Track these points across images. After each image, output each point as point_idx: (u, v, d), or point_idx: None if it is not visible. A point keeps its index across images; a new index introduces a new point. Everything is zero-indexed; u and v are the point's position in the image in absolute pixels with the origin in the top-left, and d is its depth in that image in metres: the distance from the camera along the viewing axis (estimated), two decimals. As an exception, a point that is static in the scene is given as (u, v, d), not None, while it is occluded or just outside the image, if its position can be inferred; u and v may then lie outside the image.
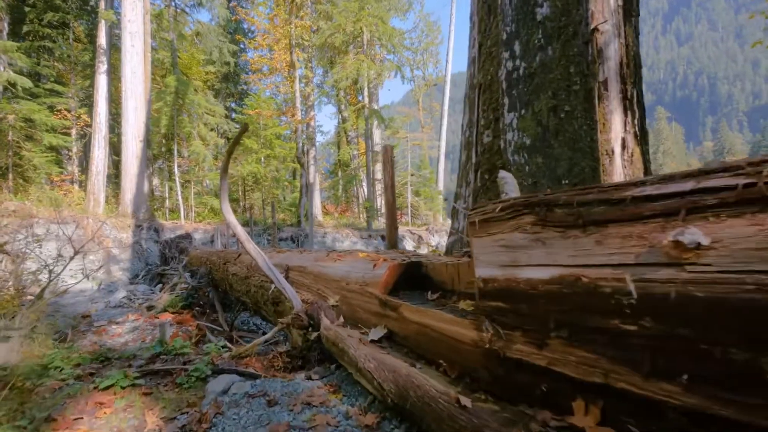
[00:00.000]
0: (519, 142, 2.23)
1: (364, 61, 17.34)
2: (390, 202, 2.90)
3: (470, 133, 2.43)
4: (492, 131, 2.33)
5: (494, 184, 2.14)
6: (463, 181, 2.54)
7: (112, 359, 3.13)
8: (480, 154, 2.35)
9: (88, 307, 6.29)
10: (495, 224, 1.00)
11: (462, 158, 2.59)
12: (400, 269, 1.43)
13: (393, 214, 2.91)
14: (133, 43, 14.61)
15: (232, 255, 4.70)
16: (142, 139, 14.99)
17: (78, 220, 12.01)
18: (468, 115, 2.48)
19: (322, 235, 15.96)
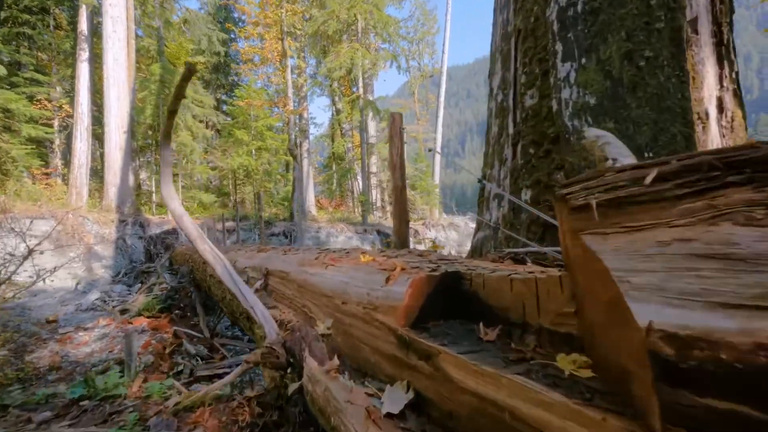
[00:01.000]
0: (579, 101, 1.65)
1: (358, 50, 16.71)
2: (399, 187, 2.22)
3: (504, 97, 1.82)
4: (538, 90, 1.72)
5: (543, 159, 1.63)
6: (494, 159, 1.93)
7: (9, 407, 2.47)
8: (521, 121, 1.73)
9: (56, 311, 5.72)
10: (646, 208, 0.50)
11: (492, 131, 1.96)
12: (430, 285, 0.85)
13: (403, 203, 2.26)
14: (115, 29, 13.87)
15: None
16: (126, 129, 14.31)
17: (57, 215, 11.34)
18: (500, 74, 1.84)
19: (315, 230, 15.42)
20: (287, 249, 2.34)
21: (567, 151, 1.53)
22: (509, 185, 1.78)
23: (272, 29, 20.38)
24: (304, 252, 2.01)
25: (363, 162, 18.32)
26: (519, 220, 1.79)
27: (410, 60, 25.16)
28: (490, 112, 2.02)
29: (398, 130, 2.22)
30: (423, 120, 27.04)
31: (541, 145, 1.76)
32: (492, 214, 1.98)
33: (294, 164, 16.12)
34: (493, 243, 2.02)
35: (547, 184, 1.75)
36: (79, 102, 14.92)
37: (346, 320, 1.05)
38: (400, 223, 2.36)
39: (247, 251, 2.79)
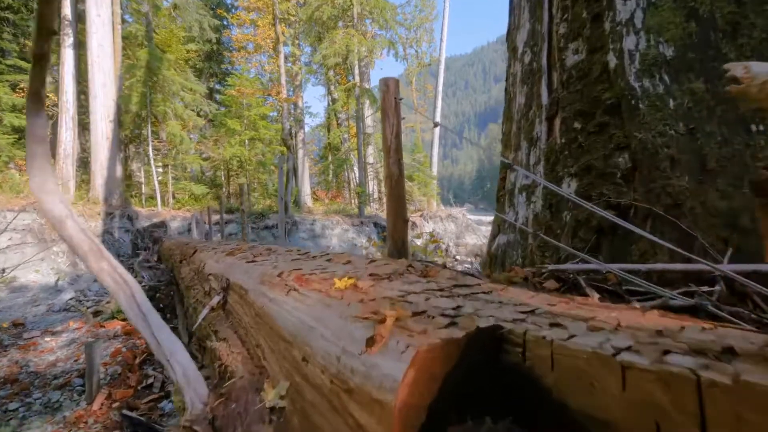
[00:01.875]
0: (651, 53, 1.20)
1: (354, 36, 16.14)
2: (395, 176, 1.77)
3: (534, 56, 1.34)
4: (585, 42, 1.25)
5: (596, 136, 1.18)
6: (519, 140, 1.42)
7: None
8: (561, 86, 1.24)
9: (25, 312, 5.31)
10: None
11: (516, 102, 1.47)
12: (448, 361, 0.45)
13: (400, 196, 1.81)
14: (99, 12, 13.27)
15: (189, 250, 3.75)
16: (113, 118, 13.78)
17: (39, 208, 10.87)
18: (527, 26, 1.36)
19: (310, 223, 15.02)
20: (261, 252, 1.93)
21: (634, 123, 1.14)
22: (543, 173, 1.28)
23: (265, 15, 19.73)
24: (278, 257, 1.61)
25: (359, 152, 17.85)
26: (559, 222, 1.32)
27: (408, 48, 24.56)
28: (513, 78, 1.52)
29: (393, 101, 1.75)
30: (421, 110, 26.51)
31: (591, 117, 1.27)
32: (518, 211, 1.41)
33: (288, 155, 15.64)
34: (520, 251, 1.48)
35: (604, 172, 1.28)
36: (64, 90, 14.35)
37: (307, 392, 0.63)
38: (397, 222, 1.85)
39: (218, 252, 2.39)
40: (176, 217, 13.89)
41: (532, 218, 1.39)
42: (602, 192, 1.30)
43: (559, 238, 1.35)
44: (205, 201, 15.98)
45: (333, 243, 14.83)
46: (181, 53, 19.66)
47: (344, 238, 15.15)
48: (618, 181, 1.23)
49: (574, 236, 1.32)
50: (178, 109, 15.15)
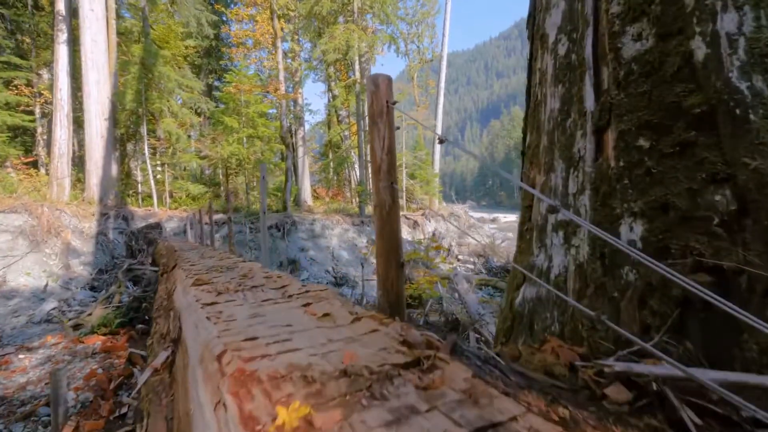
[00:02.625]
0: (765, 38, 0.87)
1: (354, 32, 15.77)
2: (386, 204, 1.42)
3: (574, 45, 0.94)
4: (653, 23, 0.90)
5: (674, 159, 0.83)
6: (553, 158, 0.98)
7: None
8: (616, 85, 0.87)
9: (3, 324, 5.03)
10: None
11: (546, 107, 1.03)
12: None
13: (394, 228, 1.44)
14: (92, 7, 12.94)
15: (171, 262, 3.45)
16: (108, 116, 13.49)
17: (31, 209, 10.61)
18: (561, 6, 0.98)
19: (310, 222, 14.72)
20: (230, 285, 1.62)
21: (741, 143, 0.82)
22: (590, 207, 0.87)
23: (263, 10, 19.36)
24: (245, 297, 1.31)
25: (360, 150, 17.51)
26: (617, 280, 0.94)
27: (409, 43, 24.15)
28: (540, 75, 1.05)
29: (384, 105, 1.40)
30: (423, 107, 26.13)
31: (666, 132, 0.91)
32: (552, 255, 0.97)
33: (286, 153, 15.33)
34: (556, 313, 1.04)
35: (691, 214, 0.90)
36: (59, 87, 14.03)
37: None
38: (389, 268, 1.42)
39: (193, 274, 2.08)
40: (173, 217, 13.62)
41: (574, 270, 0.92)
42: (689, 245, 0.88)
43: (617, 304, 0.92)
44: (203, 200, 15.70)
45: (333, 243, 14.54)
46: (180, 49, 19.34)
47: (344, 239, 14.85)
48: (715, 229, 0.84)
49: (642, 306, 0.90)
50: (174, 106, 14.84)
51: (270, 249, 13.20)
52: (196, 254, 3.84)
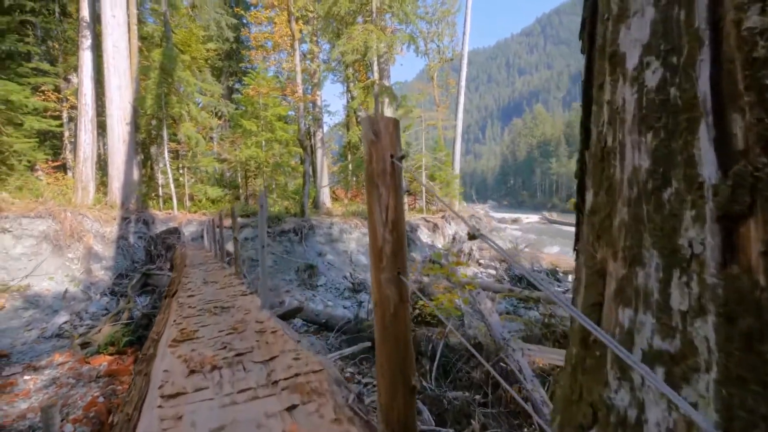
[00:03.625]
0: None
1: (372, 32, 15.49)
2: (391, 303, 1.07)
3: (667, 74, 0.62)
4: None
5: None
6: (641, 244, 0.62)
7: None
8: (757, 144, 0.48)
9: (16, 337, 4.97)
10: None
11: (621, 164, 0.69)
12: None
13: (400, 336, 1.09)
14: (114, 13, 13.08)
15: (174, 283, 3.25)
16: (129, 121, 13.64)
17: (54, 214, 10.78)
18: (653, 13, 0.65)
19: (328, 226, 14.55)
20: (205, 367, 1.35)
21: None
22: (717, 343, 0.50)
23: (282, 12, 19.31)
24: (217, 390, 1.05)
25: (378, 152, 17.24)
26: None
27: (429, 42, 23.74)
28: (613, 113, 0.74)
29: (388, 162, 1.02)
30: (443, 106, 25.67)
31: None
32: (646, 405, 0.57)
33: (304, 156, 15.19)
34: None
35: None
36: (83, 92, 14.29)
37: None
38: (396, 392, 1.05)
39: (188, 306, 1.85)
40: (192, 221, 13.67)
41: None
42: None
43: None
44: (222, 203, 15.75)
45: (351, 247, 14.33)
46: (201, 52, 19.51)
47: (363, 243, 14.61)
48: None
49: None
50: (193, 110, 14.91)
51: (287, 253, 13.09)
52: (202, 274, 3.64)
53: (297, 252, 13.12)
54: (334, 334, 5.61)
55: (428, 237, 18.21)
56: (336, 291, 11.84)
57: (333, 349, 5.35)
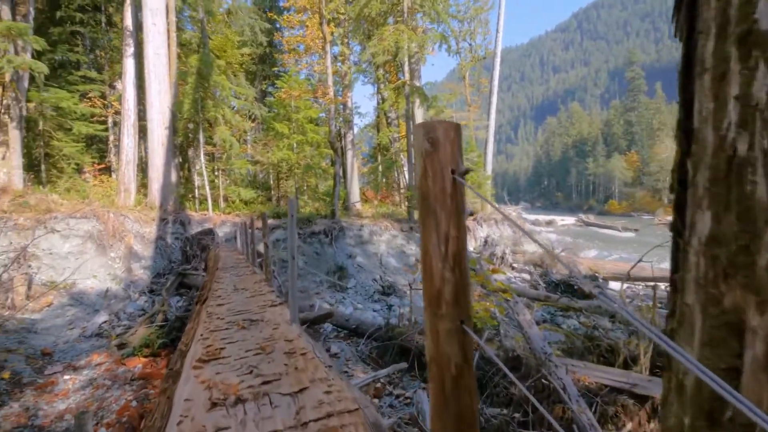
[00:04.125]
0: None
1: (404, 32, 15.35)
2: (445, 290, 0.82)
3: None
4: None
5: None
6: None
7: None
8: None
9: (59, 336, 5.14)
10: None
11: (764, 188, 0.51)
12: None
13: (467, 370, 0.84)
14: (155, 21, 13.57)
15: (210, 280, 3.22)
16: (168, 125, 14.10)
17: (99, 214, 11.27)
18: None
19: (358, 228, 14.50)
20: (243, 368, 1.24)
21: None
22: None
23: (313, 15, 19.51)
24: (248, 410, 0.93)
25: (409, 153, 17.06)
26: None
27: (461, 41, 23.33)
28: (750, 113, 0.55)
29: (449, 182, 0.82)
30: (474, 106, 25.17)
31: None
32: None
33: (335, 158, 15.23)
34: None
35: None
36: (126, 98, 14.90)
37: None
38: None
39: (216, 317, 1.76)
40: (226, 222, 13.98)
41: None
42: None
43: None
44: (254, 205, 16.04)
45: (381, 250, 14.22)
46: (236, 57, 20.02)
47: (393, 245, 14.48)
48: None
49: None
50: (228, 114, 15.26)
51: (317, 254, 13.14)
52: (233, 279, 3.60)
53: (327, 254, 13.15)
54: (364, 341, 5.49)
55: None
56: (365, 293, 11.77)
57: (363, 356, 5.23)
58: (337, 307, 10.36)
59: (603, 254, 22.62)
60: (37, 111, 14.81)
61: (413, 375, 4.84)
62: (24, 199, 10.89)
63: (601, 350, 4.77)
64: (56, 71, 17.50)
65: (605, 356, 4.83)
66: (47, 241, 10.20)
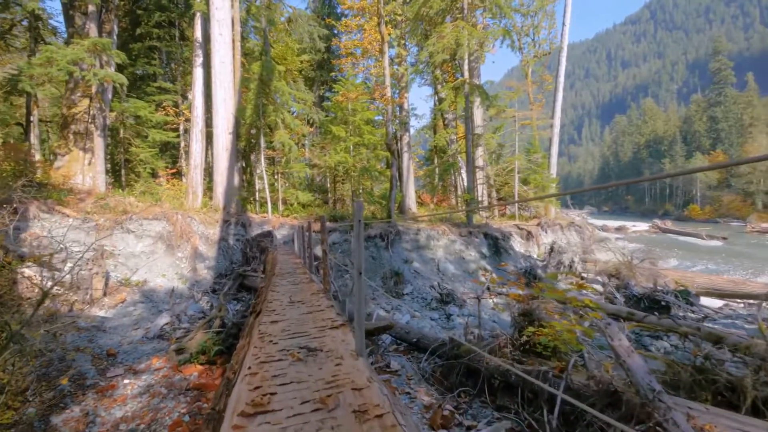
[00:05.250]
0: None
1: (464, 28, 14.72)
2: None
3: None
4: None
5: None
6: None
7: None
8: None
9: (124, 336, 5.22)
10: None
11: None
12: None
13: None
14: (221, 32, 14.13)
15: (261, 296, 2.95)
16: (232, 131, 14.61)
17: (168, 216, 11.85)
18: None
19: (414, 233, 14.07)
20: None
21: None
22: None
23: (371, 18, 19.46)
24: None
25: (468, 155, 16.34)
26: None
27: (523, 36, 22.16)
28: None
29: None
30: (537, 105, 23.79)
31: None
32: None
33: (392, 160, 14.93)
34: None
35: None
36: (195, 106, 15.70)
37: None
38: None
39: (267, 339, 1.43)
40: (284, 224, 14.18)
41: None
42: None
43: None
44: (311, 208, 16.17)
45: (439, 255, 13.67)
46: (295, 64, 20.51)
47: (451, 251, 13.87)
48: None
49: None
50: (287, 118, 15.53)
51: (373, 259, 12.88)
52: (289, 288, 3.32)
53: (383, 258, 12.85)
54: (427, 357, 5.03)
55: (521, 246, 16.78)
56: (423, 301, 11.28)
57: (426, 375, 4.76)
58: (393, 314, 9.98)
59: (685, 264, 20.26)
60: (118, 120, 16.05)
61: (483, 401, 4.29)
62: (105, 201, 11.71)
63: (718, 388, 3.92)
64: (136, 83, 18.98)
65: (724, 395, 3.98)
66: (123, 241, 10.86)
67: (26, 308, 4.78)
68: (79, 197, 11.69)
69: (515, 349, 4.88)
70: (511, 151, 22.07)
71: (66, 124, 13.74)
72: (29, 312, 4.44)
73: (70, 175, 13.22)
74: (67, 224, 10.22)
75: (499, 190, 21.80)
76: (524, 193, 20.26)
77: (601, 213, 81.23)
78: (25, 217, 9.68)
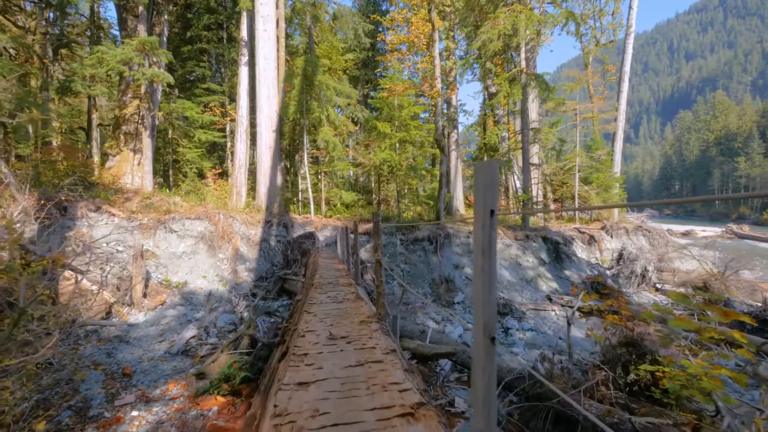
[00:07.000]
0: None
1: (522, 12, 13.44)
2: None
3: None
4: None
5: None
6: None
7: None
8: None
9: (146, 350, 4.63)
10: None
11: None
12: None
13: None
14: (266, 28, 13.79)
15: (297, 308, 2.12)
16: (275, 128, 14.23)
17: (210, 216, 11.56)
18: None
19: (465, 235, 12.96)
20: None
21: None
22: None
23: (419, 11, 18.55)
24: None
25: (524, 151, 14.96)
26: None
27: (583, 24, 20.33)
28: None
29: None
30: (599, 97, 21.77)
31: None
32: None
33: (441, 157, 13.91)
34: None
35: None
36: (240, 105, 15.52)
37: None
38: None
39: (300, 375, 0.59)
40: (327, 225, 13.58)
41: None
42: None
43: None
44: (355, 208, 15.47)
45: (491, 260, 12.44)
46: (340, 63, 20.03)
47: (506, 255, 12.62)
48: None
49: None
50: (332, 114, 14.95)
51: (421, 263, 11.93)
52: (328, 309, 2.47)
53: (432, 263, 11.87)
54: (499, 393, 3.99)
55: (584, 251, 15.13)
56: (476, 311, 10.18)
57: (501, 418, 3.75)
58: (444, 326, 8.99)
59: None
60: (167, 120, 16.23)
61: (583, 464, 3.19)
62: (150, 201, 11.62)
63: None
64: (186, 86, 19.32)
65: None
66: (165, 241, 10.67)
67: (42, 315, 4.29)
68: (126, 196, 11.69)
69: (617, 389, 3.77)
70: (570, 148, 20.29)
71: (117, 125, 13.97)
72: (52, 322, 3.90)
73: (120, 174, 13.37)
74: (112, 223, 10.14)
75: (555, 191, 20.07)
76: (585, 194, 18.45)
77: (663, 216, 74.96)
78: (73, 216, 9.67)
